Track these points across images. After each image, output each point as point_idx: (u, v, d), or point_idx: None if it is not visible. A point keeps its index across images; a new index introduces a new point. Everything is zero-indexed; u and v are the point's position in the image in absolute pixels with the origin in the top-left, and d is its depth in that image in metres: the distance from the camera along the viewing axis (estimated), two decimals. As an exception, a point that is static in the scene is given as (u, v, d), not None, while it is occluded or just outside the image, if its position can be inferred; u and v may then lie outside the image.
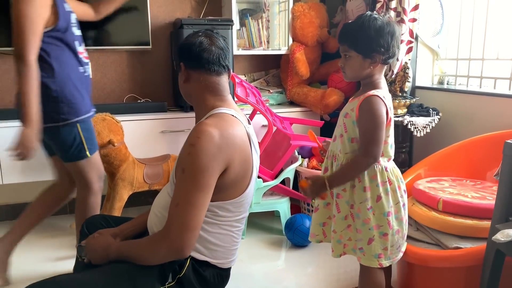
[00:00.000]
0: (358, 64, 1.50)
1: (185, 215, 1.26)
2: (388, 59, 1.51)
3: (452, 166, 2.16)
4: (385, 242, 1.54)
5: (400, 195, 1.56)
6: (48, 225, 2.82)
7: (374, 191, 1.52)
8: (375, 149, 1.46)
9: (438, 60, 2.85)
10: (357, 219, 1.55)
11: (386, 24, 1.47)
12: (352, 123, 1.52)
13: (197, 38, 1.40)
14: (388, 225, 1.53)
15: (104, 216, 1.66)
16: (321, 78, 3.17)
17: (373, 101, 1.46)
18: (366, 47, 1.48)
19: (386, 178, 1.52)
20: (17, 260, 2.34)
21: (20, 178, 2.50)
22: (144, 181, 2.51)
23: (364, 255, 1.57)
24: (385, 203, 1.52)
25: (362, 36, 1.47)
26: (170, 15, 3.01)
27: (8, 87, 2.78)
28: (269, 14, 3.11)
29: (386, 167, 1.53)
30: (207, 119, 1.34)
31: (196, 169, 1.26)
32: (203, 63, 1.39)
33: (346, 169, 1.52)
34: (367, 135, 1.47)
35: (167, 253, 1.29)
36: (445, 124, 2.59)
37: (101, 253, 1.37)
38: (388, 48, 1.47)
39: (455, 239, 1.69)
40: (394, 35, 1.48)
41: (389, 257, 1.57)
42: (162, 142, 2.69)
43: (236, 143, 1.34)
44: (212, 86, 1.42)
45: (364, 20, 1.48)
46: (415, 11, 2.56)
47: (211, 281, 1.41)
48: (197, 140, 1.27)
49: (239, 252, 1.57)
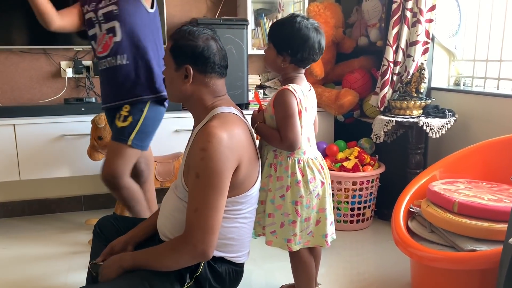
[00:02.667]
0: (272, 57, 1.63)
1: (205, 219, 1.27)
2: (298, 62, 1.61)
3: (468, 168, 2.14)
4: (294, 228, 1.65)
5: (314, 186, 1.65)
6: (64, 220, 2.87)
7: (285, 181, 1.63)
8: (290, 135, 1.57)
9: (454, 61, 2.82)
10: (270, 204, 1.67)
11: (303, 28, 1.56)
12: (270, 118, 1.64)
13: (205, 41, 1.38)
14: (296, 213, 1.64)
15: (115, 217, 1.68)
16: (336, 78, 3.16)
17: (283, 94, 1.58)
18: (279, 44, 1.60)
19: (296, 169, 1.62)
20: (33, 255, 2.38)
21: (37, 174, 2.54)
22: (155, 178, 2.53)
23: (276, 237, 1.69)
24: (293, 193, 1.63)
25: (278, 34, 1.61)
26: (186, 15, 3.03)
27: (27, 85, 2.83)
28: (284, 14, 3.11)
29: (300, 160, 1.64)
30: (212, 122, 1.34)
31: (211, 173, 1.27)
32: (214, 67, 1.40)
33: (269, 133, 1.63)
34: (281, 124, 1.59)
35: (191, 258, 1.30)
36: (461, 126, 2.56)
37: (114, 267, 1.34)
38: (296, 52, 1.58)
39: (471, 241, 1.68)
40: (307, 41, 1.57)
41: (298, 241, 1.68)
42: (175, 141, 2.71)
43: (243, 140, 1.37)
44: (218, 88, 1.43)
45: (288, 20, 1.60)
46: (431, 11, 2.54)
47: (227, 278, 1.43)
48: (208, 145, 1.27)
49: (252, 251, 1.60)
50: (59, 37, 2.70)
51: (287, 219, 1.65)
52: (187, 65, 1.38)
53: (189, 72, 1.38)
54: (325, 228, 1.70)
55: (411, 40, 2.57)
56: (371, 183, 2.67)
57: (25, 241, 2.55)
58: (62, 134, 2.51)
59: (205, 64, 1.38)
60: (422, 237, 1.85)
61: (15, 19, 2.63)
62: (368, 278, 2.16)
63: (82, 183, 3.03)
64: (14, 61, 2.78)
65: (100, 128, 2.33)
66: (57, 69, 2.86)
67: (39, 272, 2.19)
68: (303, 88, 1.64)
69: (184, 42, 1.38)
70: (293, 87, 1.59)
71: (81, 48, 2.82)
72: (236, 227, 1.43)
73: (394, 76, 2.64)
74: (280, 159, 1.64)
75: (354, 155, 2.71)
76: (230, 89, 1.52)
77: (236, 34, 2.75)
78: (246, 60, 2.81)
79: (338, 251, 2.41)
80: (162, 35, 2.81)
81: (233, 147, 1.31)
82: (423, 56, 2.60)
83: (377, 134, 2.61)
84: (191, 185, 1.31)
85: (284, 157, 1.64)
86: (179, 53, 1.38)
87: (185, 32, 1.39)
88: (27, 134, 2.47)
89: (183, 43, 1.38)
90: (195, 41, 1.38)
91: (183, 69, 1.39)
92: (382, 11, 2.82)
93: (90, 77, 2.89)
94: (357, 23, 3.07)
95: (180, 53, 1.38)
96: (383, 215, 2.85)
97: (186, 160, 1.37)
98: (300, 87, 1.63)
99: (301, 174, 1.63)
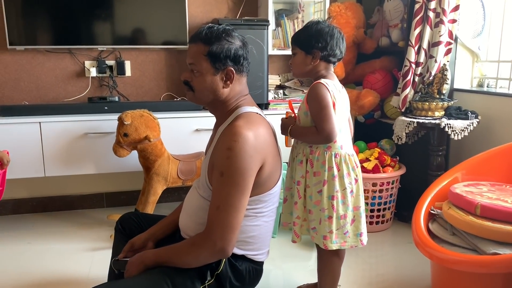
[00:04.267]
0: (300, 60, 1.70)
1: (226, 217, 1.28)
2: (328, 57, 1.68)
3: (491, 170, 2.11)
4: (330, 225, 1.67)
5: (349, 182, 1.68)
6: (86, 217, 2.93)
7: (322, 176, 1.66)
8: (327, 126, 1.60)
9: (478, 62, 2.78)
10: (309, 201, 1.70)
11: (326, 27, 1.68)
12: (304, 114, 1.68)
13: (237, 41, 1.39)
14: (332, 209, 1.66)
15: (137, 214, 1.71)
16: (356, 79, 3.14)
17: (315, 87, 1.64)
18: (307, 44, 1.67)
19: (333, 164, 1.65)
20: (56, 250, 2.44)
21: (62, 171, 2.59)
22: (178, 176, 2.56)
23: (316, 234, 1.71)
24: (330, 188, 1.66)
25: (304, 35, 1.69)
26: (207, 15, 3.06)
27: (52, 84, 2.89)
28: (304, 14, 3.11)
29: (337, 154, 1.66)
30: (237, 121, 1.35)
31: (235, 172, 1.28)
32: (247, 66, 1.43)
33: (304, 131, 1.68)
34: (317, 116, 1.63)
35: (210, 255, 1.31)
36: (484, 128, 2.52)
37: (137, 264, 1.36)
38: (326, 45, 1.66)
39: (493, 244, 1.65)
40: (333, 36, 1.67)
41: (335, 240, 1.69)
42: (196, 140, 2.73)
43: (267, 140, 1.38)
44: (245, 87, 1.46)
45: (308, 24, 1.71)
46: (455, 12, 2.50)
47: (247, 276, 1.44)
48: (234, 144, 1.28)
49: (271, 250, 1.61)
50: (83, 37, 2.76)
51: (323, 214, 1.67)
52: (229, 67, 1.37)
53: (232, 74, 1.37)
54: (359, 227, 1.72)
55: (433, 40, 2.54)
56: (392, 184, 2.65)
57: (49, 236, 2.61)
58: (85, 132, 2.57)
59: (243, 64, 1.40)
60: (443, 239, 1.83)
61: (41, 19, 2.69)
62: (387, 280, 2.15)
63: (104, 180, 3.08)
64: (40, 61, 2.85)
65: (126, 125, 2.37)
66: (81, 69, 2.92)
67: (62, 266, 2.25)
68: (336, 83, 1.69)
69: (224, 45, 1.35)
70: (325, 81, 1.65)
71: (104, 48, 2.87)
72: (258, 226, 1.44)
73: (416, 77, 2.61)
74: (316, 154, 1.67)
75: (374, 156, 2.69)
76: (251, 89, 1.52)
77: (257, 35, 2.76)
78: (266, 60, 2.82)
79: (357, 252, 2.40)
80: (183, 36, 2.87)
81: (258, 147, 1.32)
82: (445, 57, 2.56)
83: (398, 135, 2.59)
84: (215, 183, 1.32)
85: (321, 152, 1.66)
86: (219, 57, 1.35)
87: (220, 33, 1.35)
88: (52, 132, 2.53)
89: (223, 46, 1.35)
90: (234, 42, 1.37)
91: (224, 72, 1.37)
92: (404, 12, 2.79)
93: (114, 76, 2.95)
94: (379, 24, 3.05)
95: (221, 56, 1.35)
96: (403, 217, 2.83)
97: (210, 159, 1.37)
98: (333, 82, 1.68)
99: (337, 168, 1.66)
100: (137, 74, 3.01)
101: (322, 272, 1.82)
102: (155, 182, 2.51)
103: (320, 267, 1.83)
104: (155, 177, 2.50)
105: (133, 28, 2.83)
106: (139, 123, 2.40)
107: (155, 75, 3.05)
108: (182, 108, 2.78)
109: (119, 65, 2.93)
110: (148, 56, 3.01)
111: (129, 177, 3.09)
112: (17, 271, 2.20)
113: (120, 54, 2.94)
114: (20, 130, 2.48)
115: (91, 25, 2.76)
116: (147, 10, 2.81)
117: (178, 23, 2.87)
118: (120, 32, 2.83)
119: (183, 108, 2.77)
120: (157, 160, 2.49)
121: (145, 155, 2.46)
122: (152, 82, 3.05)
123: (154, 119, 2.47)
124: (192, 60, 1.38)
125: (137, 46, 2.87)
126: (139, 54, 2.99)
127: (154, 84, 3.06)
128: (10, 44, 2.65)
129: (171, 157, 2.56)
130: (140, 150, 2.45)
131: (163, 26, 2.86)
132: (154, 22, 2.84)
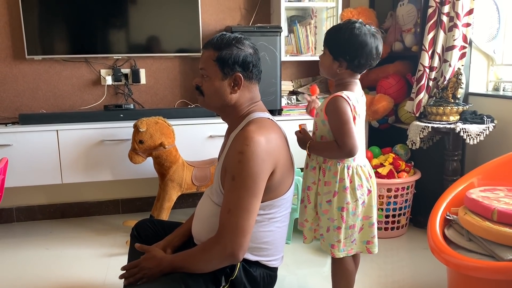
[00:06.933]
0: (328, 62, 1.63)
1: (237, 220, 1.29)
2: (354, 68, 1.60)
3: (508, 175, 2.07)
4: (338, 235, 1.66)
5: (361, 193, 1.65)
6: (102, 223, 2.97)
7: (333, 186, 1.63)
8: (349, 141, 1.55)
9: (493, 66, 2.75)
10: (319, 208, 1.69)
11: (362, 35, 1.55)
12: (321, 122, 1.64)
13: (247, 49, 1.41)
14: (342, 219, 1.64)
15: (152, 220, 1.72)
16: (370, 84, 3.13)
17: (336, 101, 1.57)
18: (335, 50, 1.59)
19: (345, 176, 1.62)
20: (73, 256, 2.47)
21: (79, 178, 2.64)
22: (192, 183, 2.58)
23: (323, 241, 1.72)
24: (340, 199, 1.63)
25: (335, 39, 1.59)
26: (220, 23, 3.09)
27: (69, 92, 2.95)
28: (317, 20, 3.12)
29: (349, 166, 1.63)
30: (249, 126, 1.36)
31: (247, 176, 1.29)
32: (258, 74, 1.44)
33: (325, 146, 1.64)
34: (338, 131, 1.58)
35: (221, 259, 1.31)
36: (500, 132, 2.49)
37: (155, 270, 1.37)
38: (354, 58, 1.57)
39: (511, 250, 1.63)
40: (365, 48, 1.55)
41: (342, 249, 1.68)
42: (210, 146, 2.76)
43: (279, 145, 1.39)
44: (256, 93, 1.47)
45: (343, 26, 1.59)
46: (469, 15, 2.49)
47: (261, 282, 1.44)
48: (246, 148, 1.30)
49: (285, 256, 1.61)
50: (99, 46, 2.81)
51: (332, 224, 1.66)
52: (237, 73, 1.39)
53: (240, 80, 1.39)
54: (367, 235, 1.71)
55: (447, 45, 2.52)
56: (406, 190, 2.63)
57: (66, 242, 2.65)
58: (102, 140, 2.61)
59: (252, 71, 1.41)
60: (459, 245, 1.81)
61: (57, 29, 2.75)
62: (403, 286, 2.13)
63: (120, 187, 3.12)
64: (57, 70, 2.91)
65: (142, 132, 2.40)
66: (97, 77, 2.97)
67: (78, 272, 2.28)
68: (357, 95, 1.63)
69: (233, 51, 1.38)
70: (346, 95, 1.58)
71: (119, 57, 2.92)
72: (272, 231, 1.44)
73: (430, 82, 2.59)
74: (329, 164, 1.64)
75: (389, 162, 2.68)
76: (264, 96, 1.54)
77: (269, 41, 2.78)
78: (279, 67, 2.83)
79: (372, 258, 2.38)
80: (197, 44, 2.90)
81: (270, 151, 1.33)
82: (460, 61, 2.54)
83: (413, 140, 2.57)
84: (227, 187, 1.33)
85: (333, 162, 1.63)
86: (228, 62, 1.38)
87: (231, 40, 1.39)
88: (69, 139, 2.58)
89: (232, 52, 1.38)
90: (244, 49, 1.39)
91: (232, 77, 1.39)
92: (417, 16, 2.78)
93: (129, 84, 2.99)
94: (392, 29, 3.04)
95: (230, 61, 1.38)
96: (418, 222, 2.80)
97: (223, 165, 1.39)
98: (354, 94, 1.62)
99: (349, 180, 1.63)
100: (152, 82, 3.05)
101: (336, 279, 1.81)
102: (170, 188, 2.53)
103: (333, 274, 1.82)
104: (169, 183, 2.53)
105: (148, 37, 2.88)
106: (154, 130, 2.43)
107: (169, 82, 3.08)
108: (196, 114, 2.80)
109: (134, 73, 2.97)
110: (163, 64, 3.05)
111: (144, 184, 3.12)
112: (35, 276, 2.24)
113: (135, 62, 2.98)
114: (38, 138, 2.53)
115: (106, 34, 2.82)
116: (161, 19, 2.85)
117: (192, 31, 2.90)
118: (134, 41, 2.87)
119: (197, 115, 2.80)
120: (171, 167, 2.51)
121: (160, 161, 2.49)
122: (166, 89, 3.09)
123: (168, 126, 2.50)
124: (203, 65, 1.43)
125: (152, 54, 2.92)
126: (153, 62, 3.03)
127: (169, 92, 3.09)
128: (28, 54, 2.72)
129: (185, 163, 2.58)
130: (155, 156, 2.47)
131: (177, 34, 2.89)
132: (168, 31, 2.88)
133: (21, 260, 2.43)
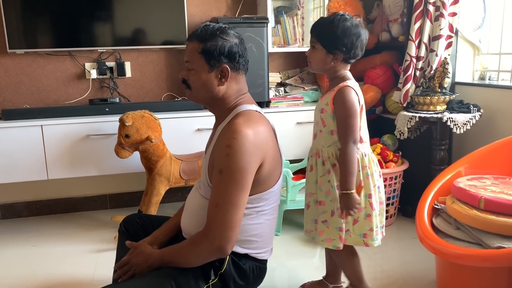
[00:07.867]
0: (321, 57, 1.62)
1: (225, 214, 1.28)
2: (349, 59, 1.63)
3: (495, 164, 2.10)
4: (370, 223, 1.66)
5: (376, 179, 1.68)
6: (90, 218, 2.94)
7: (358, 177, 1.62)
8: (353, 135, 1.58)
9: (479, 55, 2.76)
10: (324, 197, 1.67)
11: (354, 26, 1.59)
12: (330, 116, 1.63)
13: (233, 39, 1.38)
14: (371, 207, 1.65)
15: (140, 215, 1.71)
16: (357, 74, 3.12)
17: (346, 92, 1.59)
18: (330, 43, 1.59)
19: (366, 163, 1.64)
20: (61, 252, 2.45)
21: (65, 173, 2.60)
22: (180, 176, 2.56)
23: (350, 236, 1.68)
24: (366, 187, 1.64)
25: (329, 32, 1.59)
26: (206, 14, 3.05)
27: (53, 86, 2.90)
28: (304, 11, 3.10)
29: (365, 153, 1.65)
30: (237, 119, 1.35)
31: (235, 169, 1.28)
32: (244, 64, 1.42)
33: (343, 166, 1.60)
34: (343, 123, 1.59)
35: (209, 253, 1.31)
36: (487, 121, 2.51)
37: (143, 266, 1.36)
38: (350, 49, 1.59)
39: (498, 238, 1.65)
40: (359, 38, 1.59)
41: (375, 238, 1.68)
42: (198, 139, 2.73)
43: (267, 137, 1.38)
44: (244, 85, 1.45)
45: (335, 19, 1.59)
46: (455, 5, 2.49)
47: (251, 274, 1.44)
48: (233, 141, 1.28)
49: (275, 248, 1.60)
50: (83, 39, 2.76)
51: (361, 213, 1.66)
52: (224, 65, 1.37)
53: (227, 71, 1.37)
54: (363, 227, 1.70)
55: (434, 34, 2.53)
56: (395, 180, 2.64)
57: (53, 239, 2.62)
58: (87, 134, 2.57)
59: (239, 62, 1.39)
60: (447, 234, 1.83)
61: (40, 23, 2.69)
62: (392, 276, 2.14)
63: (107, 182, 3.09)
64: (40, 64, 2.86)
65: (128, 126, 2.37)
66: (81, 71, 2.92)
67: (66, 268, 2.25)
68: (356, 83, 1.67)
69: (218, 42, 1.35)
70: (352, 84, 1.61)
71: (104, 49, 2.87)
72: (261, 224, 1.44)
73: (417, 71, 2.60)
74: None
75: (376, 152, 2.69)
76: (251, 87, 1.53)
77: (256, 33, 2.76)
78: (266, 58, 2.81)
79: (361, 248, 2.38)
80: (183, 35, 2.86)
81: (258, 144, 1.32)
82: (446, 50, 2.55)
83: (400, 130, 2.58)
84: (214, 181, 1.32)
85: None
86: (213, 54, 1.35)
87: (215, 31, 1.36)
88: (54, 134, 2.53)
89: (217, 43, 1.35)
90: (229, 39, 1.37)
91: (218, 69, 1.37)
92: (404, 6, 2.78)
93: (114, 77, 2.95)
94: (378, 19, 3.04)
95: (215, 53, 1.35)
96: (406, 212, 2.82)
97: (210, 158, 1.38)
98: (356, 83, 1.65)
99: (368, 166, 1.66)
100: (138, 75, 3.01)
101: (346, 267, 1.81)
102: (158, 182, 2.51)
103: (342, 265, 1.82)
104: (157, 177, 2.50)
105: (133, 29, 2.83)
106: (140, 124, 2.40)
107: (155, 75, 3.05)
108: (183, 108, 2.78)
109: (119, 66, 2.92)
110: (148, 56, 3.01)
111: (132, 178, 3.09)
112: (22, 273, 2.21)
113: (120, 55, 2.94)
114: (22, 134, 2.48)
115: (90, 27, 2.76)
116: (146, 11, 2.81)
117: (177, 23, 2.86)
118: (119, 33, 2.83)
119: (184, 108, 2.77)
120: (159, 161, 2.49)
121: (147, 155, 2.46)
122: (152, 82, 3.05)
123: (155, 120, 2.47)
124: (188, 58, 1.40)
125: (137, 46, 2.87)
126: (139, 55, 2.99)
127: (155, 85, 3.06)
128: (10, 48, 2.66)
129: (173, 157, 2.56)
130: (142, 151, 2.45)
131: (162, 26, 2.85)
132: (153, 22, 2.84)
133: (8, 258, 2.40)
